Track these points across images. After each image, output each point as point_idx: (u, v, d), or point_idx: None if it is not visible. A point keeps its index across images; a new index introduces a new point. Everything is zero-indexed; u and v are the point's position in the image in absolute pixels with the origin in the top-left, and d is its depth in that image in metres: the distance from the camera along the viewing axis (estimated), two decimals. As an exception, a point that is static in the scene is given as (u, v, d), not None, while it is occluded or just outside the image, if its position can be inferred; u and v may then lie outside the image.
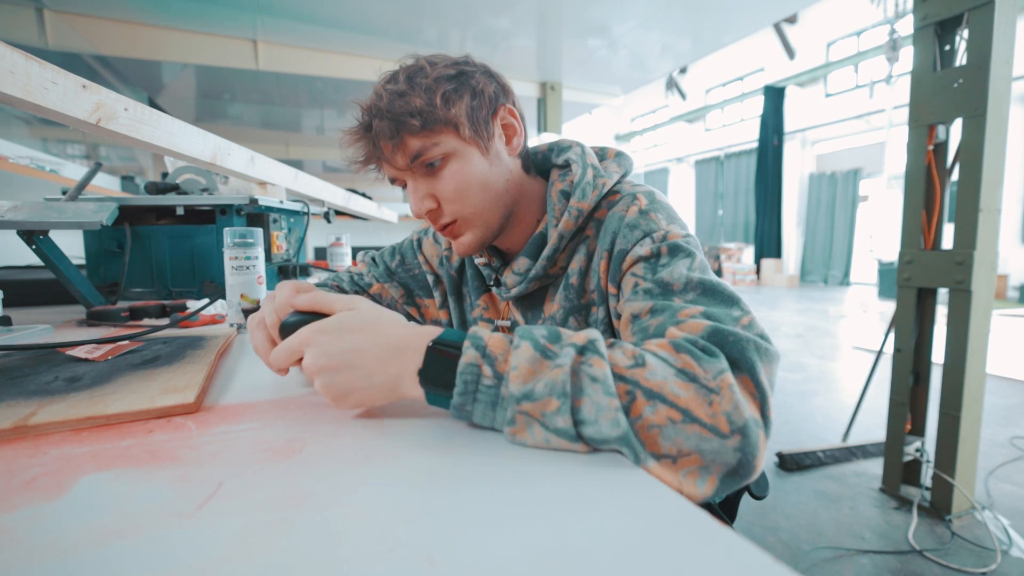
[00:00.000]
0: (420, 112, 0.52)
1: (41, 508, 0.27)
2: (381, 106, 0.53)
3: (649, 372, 0.34)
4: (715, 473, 0.33)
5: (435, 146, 0.54)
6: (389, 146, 0.55)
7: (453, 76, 0.54)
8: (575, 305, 0.60)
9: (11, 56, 0.58)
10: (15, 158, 2.18)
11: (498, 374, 0.36)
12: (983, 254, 1.55)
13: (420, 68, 0.54)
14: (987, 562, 1.39)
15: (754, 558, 0.23)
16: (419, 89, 0.53)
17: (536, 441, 0.34)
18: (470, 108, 0.55)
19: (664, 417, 0.33)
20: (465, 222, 0.58)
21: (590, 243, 0.59)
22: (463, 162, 0.56)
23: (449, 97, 0.54)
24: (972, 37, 1.51)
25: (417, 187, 0.57)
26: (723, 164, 11.84)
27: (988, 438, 2.21)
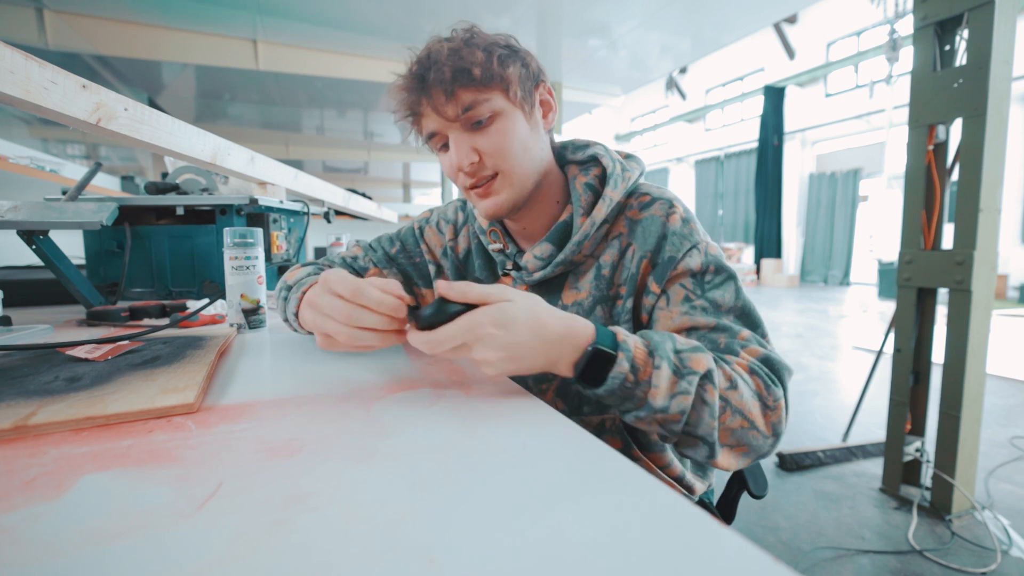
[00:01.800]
0: (479, 65, 0.55)
1: (41, 508, 0.27)
2: (439, 58, 0.55)
3: (738, 394, 0.48)
4: (751, 457, 0.50)
5: (486, 102, 0.56)
6: (442, 96, 0.56)
7: (504, 44, 0.58)
8: (604, 295, 0.62)
9: (11, 56, 0.58)
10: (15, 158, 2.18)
11: (638, 381, 0.45)
12: (983, 254, 1.55)
13: (475, 32, 0.58)
14: (987, 562, 1.39)
15: (754, 558, 0.23)
16: (476, 47, 0.56)
17: (651, 430, 0.48)
18: (520, 73, 0.58)
19: (739, 424, 0.48)
20: (504, 178, 0.59)
21: (623, 239, 0.62)
22: (509, 122, 0.58)
23: (504, 59, 0.57)
24: (972, 37, 1.51)
25: (462, 141, 0.58)
26: (723, 164, 11.84)
27: (988, 438, 2.21)
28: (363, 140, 8.34)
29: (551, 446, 0.36)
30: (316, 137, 8.05)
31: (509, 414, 0.42)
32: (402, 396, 0.47)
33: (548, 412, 0.43)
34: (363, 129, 7.58)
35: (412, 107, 0.59)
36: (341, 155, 9.16)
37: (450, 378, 0.53)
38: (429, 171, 11.42)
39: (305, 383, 0.52)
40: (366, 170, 11.48)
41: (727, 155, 11.74)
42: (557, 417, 0.42)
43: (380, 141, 8.40)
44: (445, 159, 0.61)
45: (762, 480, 0.71)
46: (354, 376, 0.54)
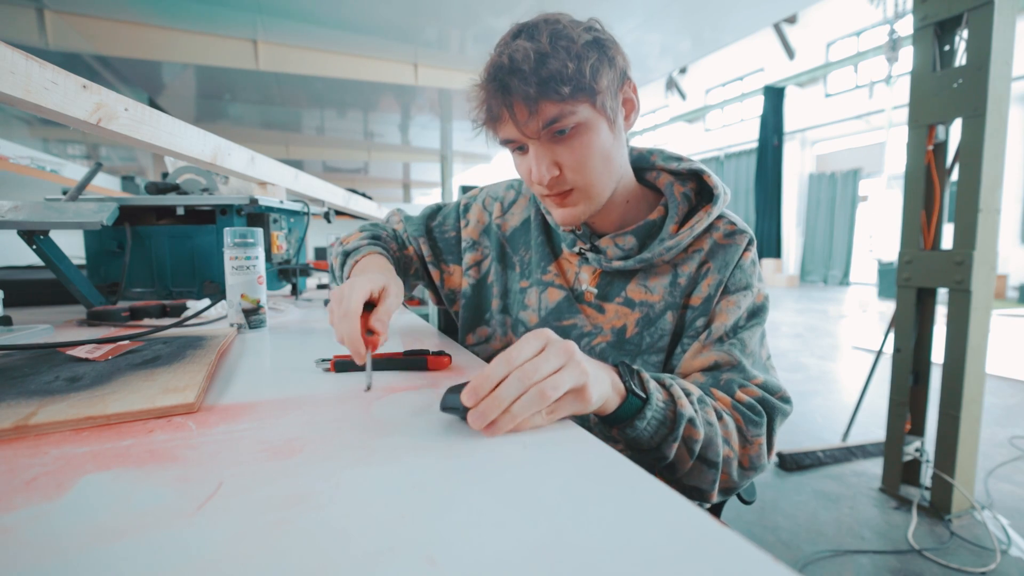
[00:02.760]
0: (570, 80, 0.50)
1: (41, 508, 0.27)
2: (525, 67, 0.50)
3: (723, 425, 0.52)
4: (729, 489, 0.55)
5: (572, 115, 0.53)
6: (525, 110, 0.52)
7: (594, 43, 0.53)
8: (676, 303, 0.63)
9: (12, 56, 0.58)
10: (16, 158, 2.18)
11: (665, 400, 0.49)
12: (982, 254, 1.55)
13: (563, 30, 0.52)
14: (986, 562, 1.39)
15: (754, 558, 0.23)
16: (566, 54, 0.51)
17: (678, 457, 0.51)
18: (609, 78, 0.54)
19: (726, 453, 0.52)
20: (581, 192, 0.58)
21: (702, 255, 0.63)
22: (593, 133, 0.55)
23: (596, 67, 0.52)
24: (971, 37, 1.52)
25: (543, 153, 0.55)
26: (723, 164, 11.84)
27: (987, 438, 2.21)
28: (363, 140, 8.34)
29: (550, 446, 0.36)
30: (316, 137, 8.05)
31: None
32: (402, 396, 0.47)
33: (548, 412, 0.43)
34: (363, 129, 7.58)
35: (491, 114, 0.55)
36: (341, 155, 9.16)
37: (450, 378, 0.54)
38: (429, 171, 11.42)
39: (305, 383, 0.52)
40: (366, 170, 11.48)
41: (727, 155, 11.74)
42: (557, 417, 0.42)
43: (380, 141, 8.40)
44: (521, 163, 0.59)
45: (751, 487, 0.72)
46: (354, 376, 0.54)
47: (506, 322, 0.72)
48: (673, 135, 13.17)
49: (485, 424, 0.36)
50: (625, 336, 0.64)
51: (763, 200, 10.35)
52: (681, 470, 0.52)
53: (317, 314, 1.02)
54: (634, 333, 0.63)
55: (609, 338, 0.64)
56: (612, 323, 0.65)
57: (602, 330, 0.65)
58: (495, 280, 0.74)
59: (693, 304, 0.62)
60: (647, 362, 0.63)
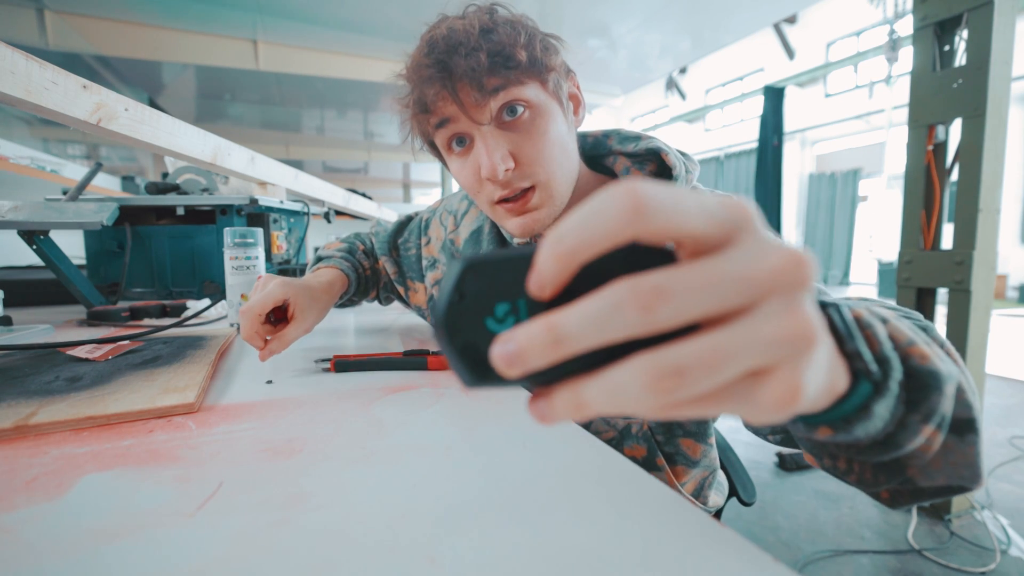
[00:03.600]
0: (523, 47, 0.45)
1: (42, 508, 0.27)
2: (468, 41, 0.44)
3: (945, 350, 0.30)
4: None
5: (522, 91, 0.46)
6: (470, 90, 0.45)
7: (534, 27, 0.48)
8: None
9: (12, 56, 0.58)
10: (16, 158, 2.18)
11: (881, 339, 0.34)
12: (982, 254, 1.55)
13: (499, 10, 0.48)
14: (986, 561, 1.39)
15: (754, 558, 0.23)
16: (511, 28, 0.46)
17: None
18: (558, 63, 0.49)
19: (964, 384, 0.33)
20: (542, 191, 0.50)
21: None
22: (547, 117, 0.49)
23: (545, 45, 0.48)
24: (971, 37, 1.51)
25: (495, 142, 0.47)
26: (723, 164, 11.83)
27: (987, 438, 2.21)
28: (363, 140, 8.34)
29: (551, 446, 0.36)
30: (316, 137, 8.04)
31: (509, 414, 0.42)
32: (402, 396, 0.47)
33: (548, 412, 0.43)
34: (363, 129, 7.58)
35: (426, 102, 0.47)
36: (341, 155, 9.16)
37: (449, 378, 0.54)
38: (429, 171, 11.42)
39: (305, 383, 0.52)
40: (366, 170, 11.48)
41: (727, 155, 11.74)
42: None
43: (380, 141, 8.40)
44: (464, 164, 0.51)
45: (750, 487, 0.71)
46: (354, 376, 0.54)
47: None
48: (673, 135, 13.17)
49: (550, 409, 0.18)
50: None
51: (763, 200, 10.32)
52: (921, 462, 0.27)
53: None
54: None
55: None
56: None
57: None
58: None
59: None
60: None
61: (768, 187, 10.36)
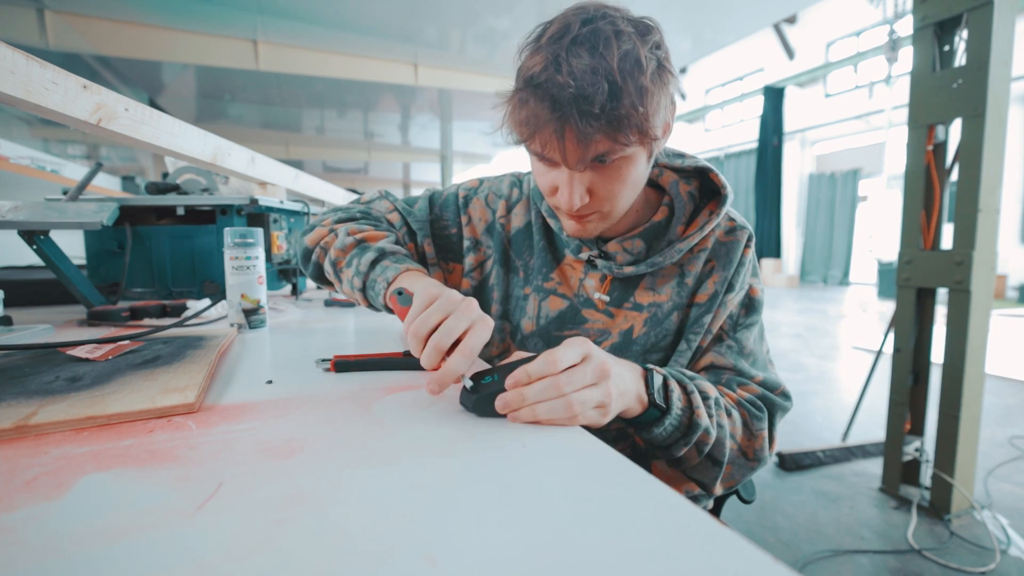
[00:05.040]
0: (636, 125, 0.47)
1: (42, 507, 0.27)
2: (595, 100, 0.44)
3: (731, 421, 0.55)
4: (734, 480, 0.57)
5: (622, 151, 0.49)
6: (577, 142, 0.47)
7: (658, 72, 0.48)
8: (683, 303, 0.63)
9: (12, 57, 0.58)
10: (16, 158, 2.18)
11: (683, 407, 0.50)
12: (982, 254, 1.55)
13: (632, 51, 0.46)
14: (986, 561, 1.39)
15: (754, 558, 0.23)
16: (635, 90, 0.45)
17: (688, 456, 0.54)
18: (662, 116, 0.50)
19: (730, 447, 0.55)
20: (602, 216, 0.56)
21: (707, 254, 0.63)
22: (632, 165, 0.52)
23: (658, 106, 0.48)
24: (971, 37, 1.52)
25: (580, 181, 0.51)
26: (723, 164, 11.83)
27: (987, 438, 2.21)
28: (363, 140, 8.34)
29: (550, 445, 0.36)
30: (316, 137, 8.05)
31: (509, 414, 0.42)
32: (402, 396, 0.47)
33: (548, 412, 0.43)
34: (363, 129, 7.58)
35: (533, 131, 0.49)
36: (341, 155, 9.16)
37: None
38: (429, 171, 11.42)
39: (305, 383, 0.52)
40: (366, 170, 11.48)
41: (727, 155, 11.74)
42: (556, 417, 0.42)
43: (380, 141, 8.40)
44: (546, 174, 0.54)
45: (750, 486, 0.72)
46: (353, 376, 0.54)
47: (504, 328, 0.69)
48: (673, 135, 13.13)
49: (507, 412, 0.41)
50: (632, 337, 0.63)
51: (763, 200, 10.35)
52: (687, 465, 0.55)
53: (317, 314, 1.02)
54: (641, 333, 0.63)
55: (615, 340, 0.64)
56: (620, 327, 0.64)
57: (609, 334, 0.64)
58: (496, 284, 0.70)
59: (699, 302, 0.62)
60: (649, 360, 0.63)
61: (768, 187, 10.38)
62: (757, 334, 0.63)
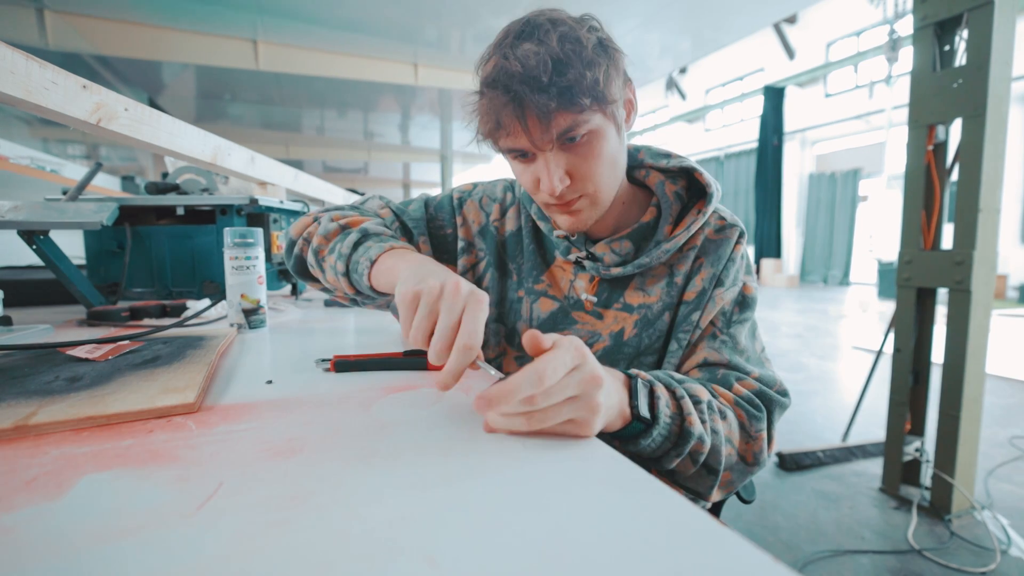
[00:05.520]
0: (588, 90, 0.48)
1: (41, 508, 0.27)
2: (542, 77, 0.47)
3: (727, 424, 0.52)
4: (734, 485, 0.55)
5: (585, 123, 0.51)
6: (539, 122, 0.49)
7: (600, 46, 0.51)
8: (672, 303, 0.63)
9: (12, 57, 0.58)
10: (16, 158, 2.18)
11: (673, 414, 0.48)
12: (983, 254, 1.55)
13: (571, 32, 0.49)
14: (986, 562, 1.39)
15: (754, 558, 0.23)
16: (580, 61, 0.48)
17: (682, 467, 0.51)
18: (616, 85, 0.52)
19: (727, 452, 0.52)
20: (589, 198, 0.56)
21: (696, 252, 0.63)
22: (603, 140, 0.53)
23: (608, 74, 0.50)
24: (971, 37, 1.52)
25: (556, 163, 0.53)
26: (723, 164, 11.84)
27: (988, 438, 2.21)
28: (363, 140, 8.34)
29: (550, 446, 0.36)
30: (316, 137, 8.05)
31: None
32: (402, 396, 0.47)
33: (548, 412, 0.43)
34: (363, 129, 7.58)
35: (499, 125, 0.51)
36: (341, 155, 9.16)
37: (450, 378, 0.53)
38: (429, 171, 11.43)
39: (305, 383, 0.52)
40: (366, 170, 11.48)
41: (727, 155, 11.74)
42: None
43: (380, 141, 8.40)
44: (524, 171, 0.56)
45: (750, 486, 0.72)
46: (354, 376, 0.54)
47: (500, 331, 0.69)
48: (673, 135, 13.17)
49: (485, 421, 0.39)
50: (623, 339, 0.63)
51: (763, 200, 10.34)
52: (682, 475, 0.52)
53: (317, 314, 1.02)
54: (632, 335, 0.63)
55: (607, 343, 0.63)
56: (610, 328, 0.64)
57: (600, 336, 0.64)
58: (491, 287, 0.70)
59: (687, 299, 0.62)
60: (643, 363, 0.63)
61: (768, 187, 10.37)
62: (749, 331, 0.62)
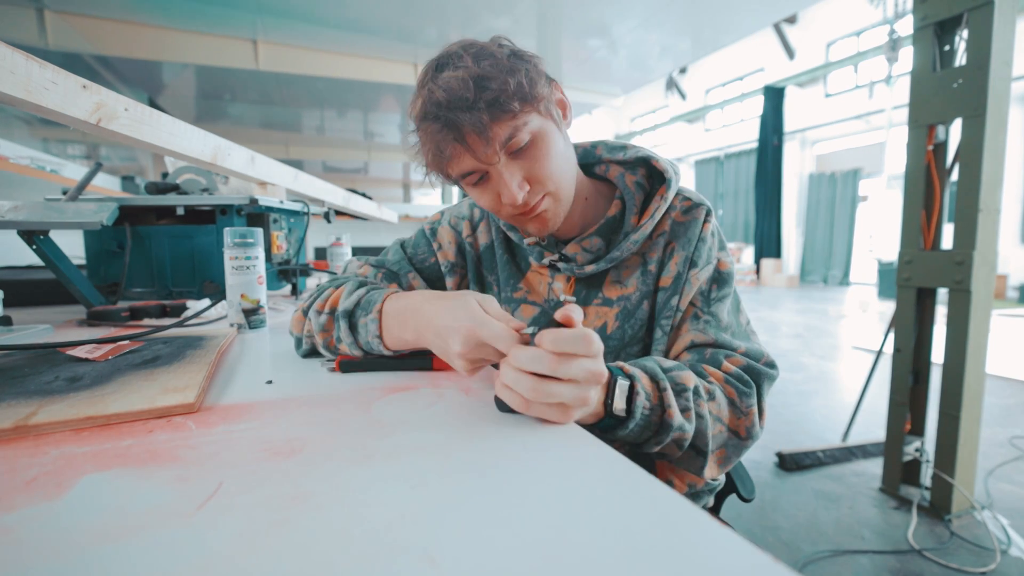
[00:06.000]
0: (514, 94, 0.50)
1: (42, 507, 0.27)
2: (467, 95, 0.49)
3: (716, 404, 0.53)
4: (731, 461, 0.55)
5: (524, 126, 0.52)
6: (479, 138, 0.51)
7: (513, 55, 0.53)
8: (649, 291, 0.64)
9: (12, 57, 0.58)
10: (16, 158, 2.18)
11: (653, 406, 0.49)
12: (983, 254, 1.55)
13: (483, 51, 0.52)
14: (986, 562, 1.39)
15: (754, 558, 0.23)
16: (498, 70, 0.50)
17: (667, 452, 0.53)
18: (542, 85, 0.54)
19: (718, 431, 0.53)
20: (552, 198, 0.58)
21: (666, 237, 0.64)
22: (548, 139, 0.55)
23: (529, 75, 0.52)
24: (971, 37, 1.52)
25: (511, 173, 0.54)
26: (723, 164, 11.84)
27: (988, 438, 2.21)
28: (363, 140, 8.34)
29: (550, 446, 0.36)
30: (316, 137, 8.04)
31: (508, 415, 0.42)
32: (402, 396, 0.47)
33: (548, 412, 0.43)
34: (363, 129, 7.57)
35: (442, 154, 0.53)
36: (341, 155, 9.16)
37: (449, 378, 0.54)
38: (429, 171, 11.40)
39: (305, 383, 0.52)
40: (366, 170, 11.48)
41: (727, 155, 11.74)
42: (557, 417, 0.42)
43: (380, 141, 8.40)
44: (483, 192, 0.57)
45: (749, 483, 0.72)
46: (354, 376, 0.54)
47: None
48: (673, 135, 13.17)
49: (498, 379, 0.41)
50: (607, 333, 0.64)
51: (763, 200, 10.34)
52: (669, 457, 0.55)
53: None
54: (615, 328, 0.64)
55: None
56: (592, 324, 0.65)
57: None
58: None
59: (664, 286, 0.63)
60: (629, 354, 0.64)
61: (768, 187, 10.37)
62: (732, 306, 0.62)
